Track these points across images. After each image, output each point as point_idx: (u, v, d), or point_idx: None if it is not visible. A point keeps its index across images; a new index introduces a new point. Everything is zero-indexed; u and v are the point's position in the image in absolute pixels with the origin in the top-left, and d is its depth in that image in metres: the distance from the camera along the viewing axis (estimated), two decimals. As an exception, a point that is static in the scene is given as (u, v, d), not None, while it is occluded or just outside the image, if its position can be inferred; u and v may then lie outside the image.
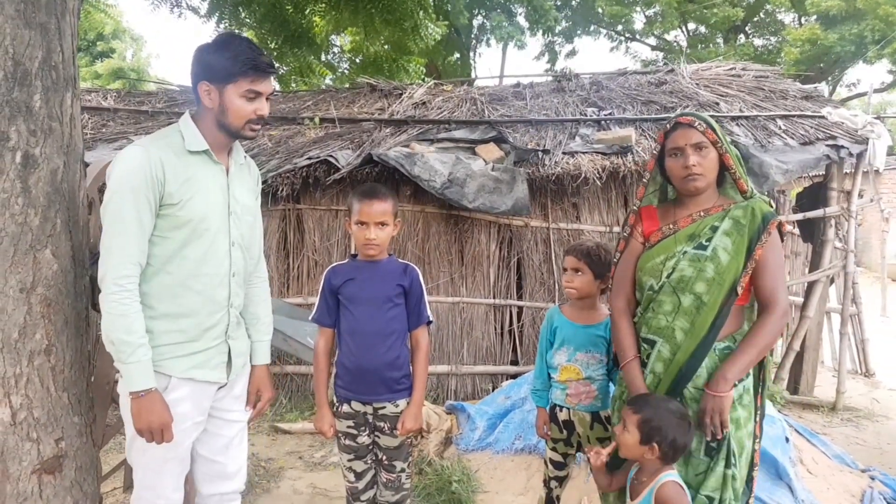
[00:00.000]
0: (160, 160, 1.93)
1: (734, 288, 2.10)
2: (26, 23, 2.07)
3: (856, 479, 3.67)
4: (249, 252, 2.21)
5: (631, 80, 6.89)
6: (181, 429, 1.99)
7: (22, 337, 2.05)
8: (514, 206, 4.95)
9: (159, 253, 1.97)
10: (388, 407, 2.43)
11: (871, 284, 12.29)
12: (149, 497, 2.07)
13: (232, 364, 2.13)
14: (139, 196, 1.89)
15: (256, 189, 2.30)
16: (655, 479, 2.02)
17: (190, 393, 2.02)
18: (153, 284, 1.98)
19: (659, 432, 1.98)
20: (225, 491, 2.23)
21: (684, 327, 2.14)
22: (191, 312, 2.01)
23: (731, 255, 2.11)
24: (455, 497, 3.31)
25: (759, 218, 2.13)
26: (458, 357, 5.33)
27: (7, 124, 2.03)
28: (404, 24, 7.52)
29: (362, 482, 2.52)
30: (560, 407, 2.62)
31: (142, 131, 5.77)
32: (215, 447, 2.18)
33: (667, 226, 2.25)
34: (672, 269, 2.17)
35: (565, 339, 2.60)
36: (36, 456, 2.08)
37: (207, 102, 2.01)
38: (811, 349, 5.57)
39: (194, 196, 1.98)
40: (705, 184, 2.19)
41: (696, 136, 2.17)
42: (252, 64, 1.96)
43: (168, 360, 1.98)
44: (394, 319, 2.43)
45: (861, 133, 5.06)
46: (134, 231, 1.90)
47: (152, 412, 1.90)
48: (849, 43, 15.57)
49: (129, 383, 1.90)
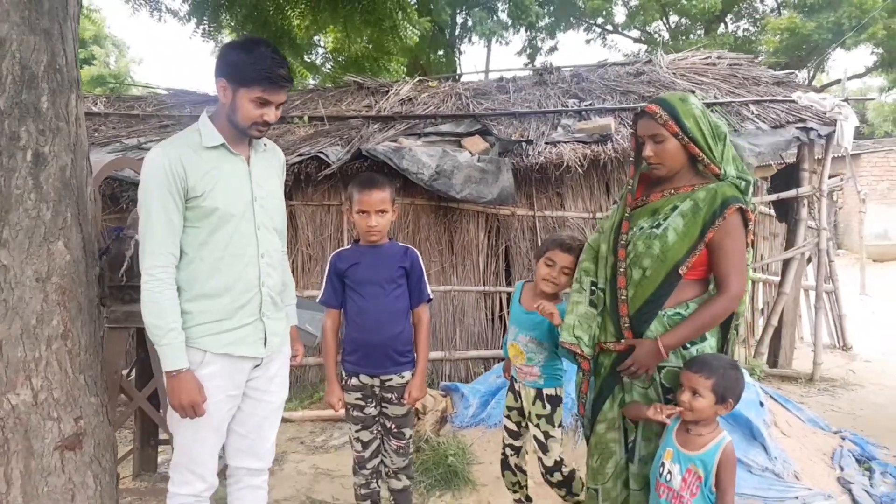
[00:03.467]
0: (179, 158, 2.09)
1: (677, 268, 2.20)
2: (31, 29, 2.20)
3: (827, 440, 3.88)
4: (279, 233, 2.36)
5: (610, 71, 7.09)
6: (214, 401, 2.15)
7: (40, 323, 2.19)
8: (499, 195, 5.13)
9: (192, 241, 2.14)
10: (394, 379, 2.62)
11: (852, 265, 12.58)
12: (186, 463, 2.23)
13: (267, 342, 2.27)
14: (163, 192, 2.06)
15: (282, 174, 2.44)
16: (719, 436, 2.14)
17: (223, 368, 2.17)
18: (189, 270, 2.14)
19: (731, 391, 2.11)
20: (252, 466, 2.38)
21: (630, 296, 2.27)
22: (224, 292, 2.17)
23: (679, 236, 2.20)
24: (451, 469, 3.48)
25: (717, 202, 2.19)
26: (451, 343, 5.51)
27: (17, 125, 2.16)
28: (383, 25, 7.66)
29: (368, 451, 2.71)
30: (514, 379, 2.83)
31: (134, 135, 5.91)
32: (248, 425, 2.33)
33: (641, 199, 2.37)
34: (627, 242, 2.29)
35: (514, 319, 2.80)
36: (57, 433, 2.22)
37: (222, 97, 2.16)
38: (788, 324, 5.79)
39: (216, 187, 2.14)
40: (665, 171, 2.28)
41: (654, 129, 2.25)
42: (267, 75, 2.08)
43: (205, 338, 2.14)
44: (397, 299, 2.62)
45: (829, 115, 5.28)
46: (162, 225, 2.07)
47: (183, 390, 2.07)
48: (826, 31, 15.87)
49: (163, 363, 2.08)
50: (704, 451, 2.12)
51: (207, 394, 2.13)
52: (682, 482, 2.13)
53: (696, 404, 2.11)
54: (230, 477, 2.42)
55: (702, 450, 2.13)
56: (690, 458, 2.13)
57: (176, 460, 2.27)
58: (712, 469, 2.10)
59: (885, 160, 16.62)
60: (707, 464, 2.11)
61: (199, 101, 7.03)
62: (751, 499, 3.16)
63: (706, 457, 2.11)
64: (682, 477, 2.13)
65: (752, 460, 3.27)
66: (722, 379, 2.10)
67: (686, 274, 2.22)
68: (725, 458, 2.11)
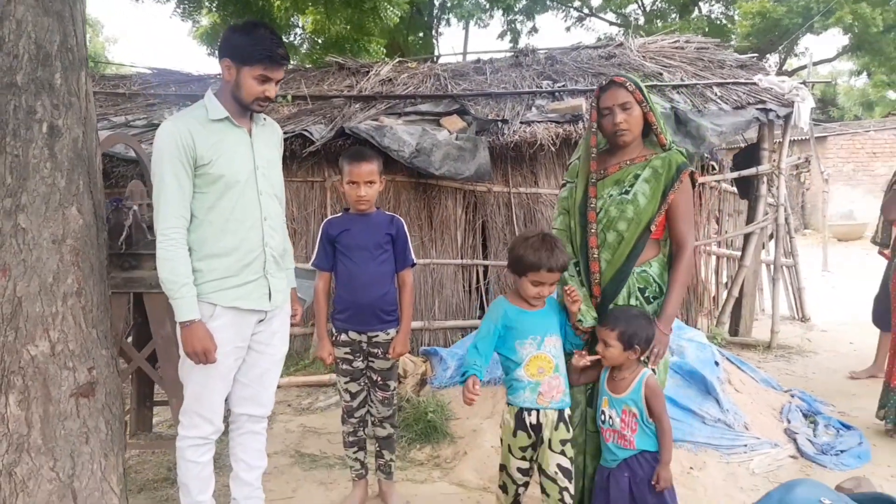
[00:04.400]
0: (188, 129, 2.32)
1: (649, 226, 2.52)
2: (45, 11, 2.38)
3: (778, 397, 4.23)
4: (280, 199, 2.60)
5: (583, 54, 7.33)
6: (223, 351, 2.39)
7: (56, 281, 2.38)
8: (476, 172, 5.38)
9: (201, 205, 2.38)
10: (380, 335, 2.89)
11: (817, 244, 13.05)
12: (196, 408, 2.47)
13: (272, 297, 2.51)
14: (174, 161, 2.30)
15: (280, 145, 2.69)
16: (639, 374, 2.44)
17: (232, 320, 2.41)
18: (200, 232, 2.38)
19: (636, 337, 2.40)
20: (254, 413, 2.64)
21: (607, 258, 2.57)
22: (231, 252, 2.41)
23: (648, 198, 2.51)
24: (431, 424, 3.76)
25: (673, 168, 2.52)
26: (430, 314, 5.78)
27: (34, 99, 2.35)
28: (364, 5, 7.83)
29: (356, 401, 2.97)
30: (528, 410, 2.46)
31: (121, 113, 6.05)
32: (251, 375, 2.58)
33: (598, 172, 2.65)
34: (600, 209, 2.58)
35: (525, 327, 2.48)
36: (73, 382, 2.42)
37: (227, 76, 2.39)
38: (748, 295, 6.15)
39: (221, 156, 2.37)
40: (632, 137, 2.57)
41: (624, 96, 2.53)
42: (268, 54, 2.32)
43: (215, 293, 2.38)
44: (383, 263, 2.88)
45: (787, 97, 5.59)
46: (174, 190, 2.31)
47: (195, 339, 2.31)
48: (796, 15, 16.24)
49: (177, 314, 2.32)
50: (631, 391, 2.44)
51: (219, 342, 2.36)
52: (620, 423, 2.45)
53: (607, 353, 2.43)
54: (233, 423, 2.66)
55: (628, 391, 2.44)
56: (622, 400, 2.45)
57: (185, 407, 2.51)
58: (642, 404, 2.41)
59: (851, 143, 17.14)
60: (636, 400, 2.42)
61: (183, 81, 7.15)
62: (704, 447, 3.48)
63: (633, 395, 2.43)
64: (620, 418, 2.44)
65: (705, 412, 3.59)
66: (626, 328, 2.40)
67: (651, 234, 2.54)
68: (650, 390, 2.42)
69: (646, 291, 2.55)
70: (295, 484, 3.38)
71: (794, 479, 2.15)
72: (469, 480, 3.35)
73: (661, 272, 2.59)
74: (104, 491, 2.48)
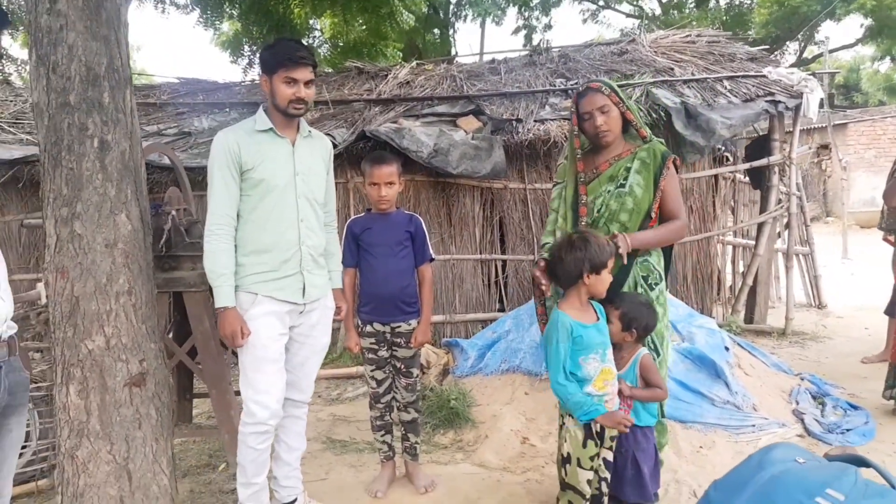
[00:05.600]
0: (235, 139, 2.61)
1: (649, 213, 2.72)
2: (93, 36, 2.60)
3: (788, 381, 4.36)
4: (320, 204, 2.83)
5: (596, 51, 7.47)
6: (267, 335, 2.66)
7: (109, 281, 2.62)
8: (492, 170, 5.58)
9: (246, 207, 2.66)
10: (402, 326, 3.11)
11: (839, 232, 13.01)
12: (250, 395, 2.70)
13: (306, 292, 2.75)
14: (223, 167, 2.60)
15: (326, 156, 2.90)
16: (635, 354, 2.69)
17: (272, 309, 2.68)
18: (245, 231, 2.67)
19: (635, 321, 2.63)
20: (295, 398, 2.90)
21: None
22: (270, 249, 2.68)
23: (643, 188, 2.72)
24: (453, 411, 3.97)
25: (659, 157, 2.74)
26: (451, 307, 5.99)
27: (86, 117, 2.58)
28: (381, 11, 8.05)
29: (382, 388, 3.20)
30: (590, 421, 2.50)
31: (153, 122, 6.33)
32: (293, 363, 2.84)
33: (590, 171, 2.85)
34: (601, 206, 2.77)
35: (591, 344, 2.48)
36: (126, 373, 2.66)
37: (265, 89, 2.66)
38: (763, 283, 6.27)
39: (263, 162, 2.64)
40: (613, 137, 2.78)
41: (601, 100, 2.73)
42: (286, 56, 2.58)
43: (257, 284, 2.67)
44: (404, 258, 3.11)
45: (796, 89, 5.69)
46: (221, 192, 2.60)
47: (227, 323, 2.59)
48: (814, 2, 16.12)
49: (216, 301, 2.61)
50: (627, 368, 2.69)
51: (261, 327, 2.63)
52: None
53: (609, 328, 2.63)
54: None
55: (624, 368, 2.69)
56: (620, 376, 2.66)
57: (243, 396, 2.74)
58: (637, 381, 2.68)
59: (872, 129, 16.96)
60: (631, 378, 2.68)
61: (209, 89, 7.42)
62: (713, 427, 3.64)
63: (629, 372, 2.69)
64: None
65: (714, 394, 3.75)
66: (628, 311, 2.62)
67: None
68: (644, 367, 2.67)
69: (648, 279, 2.75)
70: (328, 466, 3.61)
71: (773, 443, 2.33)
72: (490, 461, 3.55)
73: (659, 260, 2.79)
74: (156, 472, 2.72)
